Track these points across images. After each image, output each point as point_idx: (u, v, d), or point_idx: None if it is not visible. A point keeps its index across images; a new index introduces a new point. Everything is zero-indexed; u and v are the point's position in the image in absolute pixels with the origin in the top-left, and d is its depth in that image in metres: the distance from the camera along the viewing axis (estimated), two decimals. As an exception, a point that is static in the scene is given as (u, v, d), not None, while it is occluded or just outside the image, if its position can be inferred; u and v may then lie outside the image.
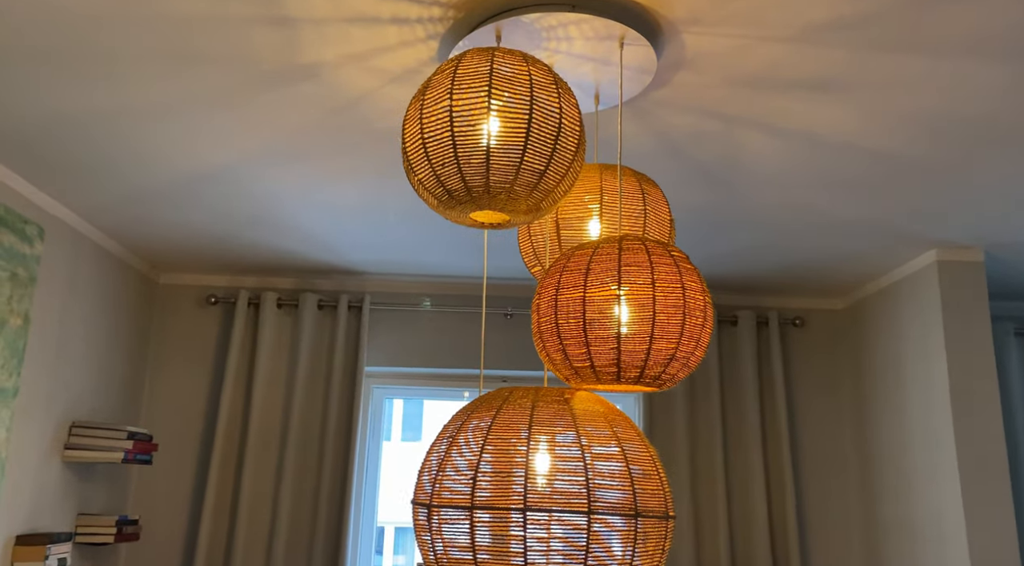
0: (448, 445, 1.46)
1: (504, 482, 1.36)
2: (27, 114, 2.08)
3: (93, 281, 3.00)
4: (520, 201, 1.48)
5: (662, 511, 1.42)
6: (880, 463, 3.30)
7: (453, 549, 1.38)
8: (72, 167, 2.41)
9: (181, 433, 3.44)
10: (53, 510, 2.76)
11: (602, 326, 1.38)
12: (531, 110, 1.44)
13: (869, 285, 3.43)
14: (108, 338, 3.12)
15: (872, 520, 3.34)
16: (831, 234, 2.86)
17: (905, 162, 2.26)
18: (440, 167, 1.46)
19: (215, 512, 3.30)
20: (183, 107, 2.04)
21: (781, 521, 3.41)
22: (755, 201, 2.58)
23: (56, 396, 2.76)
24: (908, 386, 3.11)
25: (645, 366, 1.39)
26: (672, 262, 1.43)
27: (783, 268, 3.27)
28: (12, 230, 2.42)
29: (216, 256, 3.30)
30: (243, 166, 2.39)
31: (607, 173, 1.71)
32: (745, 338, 3.56)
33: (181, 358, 3.52)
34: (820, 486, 3.52)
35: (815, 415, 3.60)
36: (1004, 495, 2.72)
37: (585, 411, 1.44)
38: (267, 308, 3.48)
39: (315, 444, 3.40)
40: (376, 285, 3.63)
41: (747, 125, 2.07)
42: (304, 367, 3.45)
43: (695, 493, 3.42)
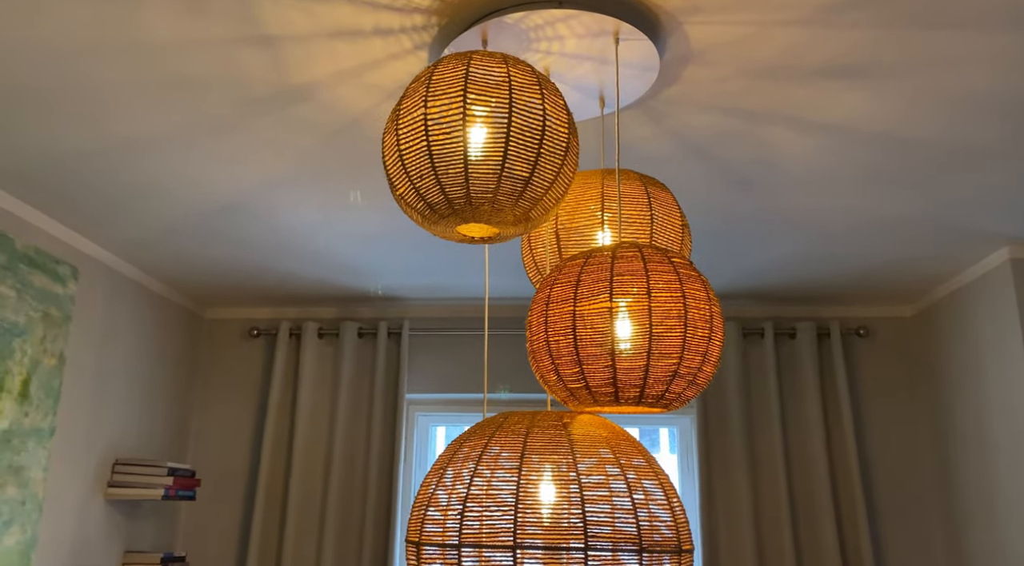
0: (438, 478, 1.35)
1: (493, 517, 1.24)
2: (47, 154, 2.11)
3: (134, 319, 3.03)
4: (506, 211, 1.38)
5: (674, 545, 1.28)
6: (963, 483, 3.01)
7: (443, 591, 1.27)
8: (98, 205, 2.44)
9: (227, 467, 3.44)
10: (98, 549, 2.77)
11: (594, 342, 1.26)
12: (510, 114, 1.34)
13: (938, 289, 3.17)
14: (151, 375, 3.15)
15: (958, 547, 3.05)
16: (886, 236, 2.64)
17: (957, 151, 2.06)
18: (419, 179, 1.37)
19: (261, 548, 3.27)
20: (186, 136, 2.03)
21: (854, 548, 3.15)
22: (796, 203, 2.40)
23: (96, 434, 2.78)
24: (988, 398, 2.83)
25: (645, 385, 1.26)
26: (671, 269, 1.29)
27: (841, 275, 3.05)
28: (44, 271, 2.46)
29: (256, 288, 3.31)
30: (260, 194, 2.37)
31: (610, 178, 1.59)
32: (805, 351, 3.34)
33: (227, 392, 3.53)
34: (896, 510, 3.24)
35: (886, 432, 3.33)
36: (1105, 516, 2.43)
37: (585, 436, 1.32)
38: (308, 338, 3.46)
39: (359, 472, 3.35)
40: (415, 311, 3.57)
41: (772, 120, 1.92)
42: (345, 395, 3.40)
43: (757, 519, 3.19)
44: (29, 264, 2.39)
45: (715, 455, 3.30)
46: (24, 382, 2.36)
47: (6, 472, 2.28)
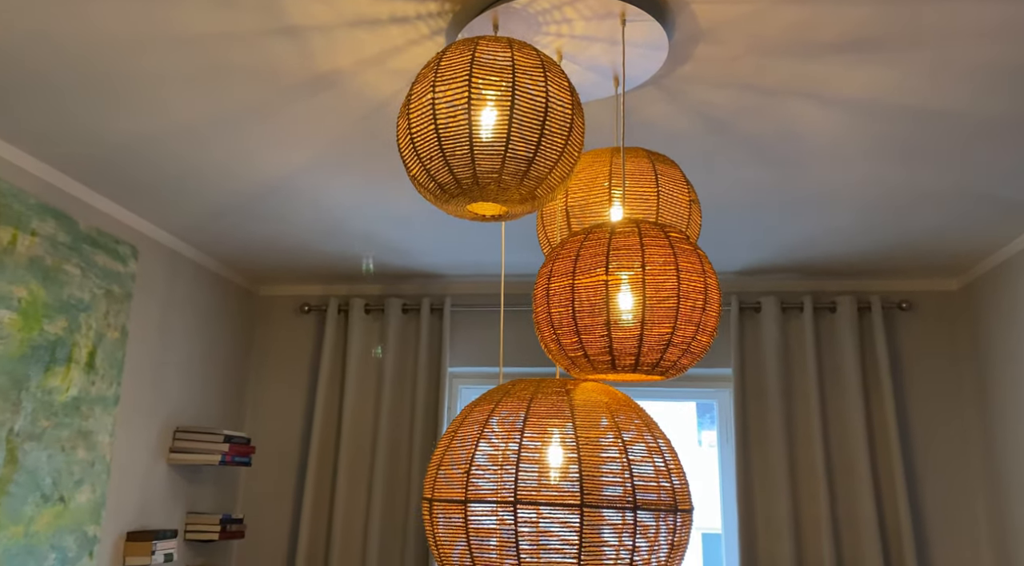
0: (450, 440, 1.45)
1: (497, 476, 1.33)
2: (107, 141, 2.27)
3: (191, 296, 3.22)
4: (511, 190, 1.45)
5: (670, 504, 1.35)
6: (1009, 459, 2.97)
7: (450, 542, 1.37)
8: (154, 188, 2.61)
9: (282, 436, 3.63)
10: (162, 509, 2.99)
11: (591, 313, 1.33)
12: (513, 96, 1.41)
13: (984, 261, 3.11)
14: (208, 348, 3.35)
15: (1003, 524, 3.02)
16: (927, 208, 2.62)
17: (989, 121, 2.03)
18: (428, 161, 1.45)
19: (314, 511, 3.45)
20: (226, 122, 2.15)
21: (894, 523, 3.15)
22: (827, 177, 2.40)
23: (158, 403, 2.98)
24: (1030, 371, 2.78)
25: (639, 353, 1.32)
26: (667, 243, 1.35)
27: (883, 248, 3.03)
28: (106, 250, 2.65)
29: (306, 266, 3.47)
30: (300, 177, 2.50)
31: (619, 156, 1.65)
32: (845, 325, 3.32)
33: (280, 365, 3.72)
34: (938, 486, 3.22)
35: (928, 407, 3.30)
36: None
37: (586, 402, 1.39)
38: (355, 314, 3.61)
39: (404, 441, 3.49)
40: (457, 287, 3.68)
41: (790, 96, 1.93)
42: (391, 368, 3.55)
43: (794, 492, 3.22)
44: (92, 244, 2.58)
45: (752, 428, 3.32)
46: (90, 354, 2.56)
47: (76, 436, 2.48)
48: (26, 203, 2.31)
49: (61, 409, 2.42)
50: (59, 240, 2.43)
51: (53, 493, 2.37)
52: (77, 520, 2.47)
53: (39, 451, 2.33)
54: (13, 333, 2.24)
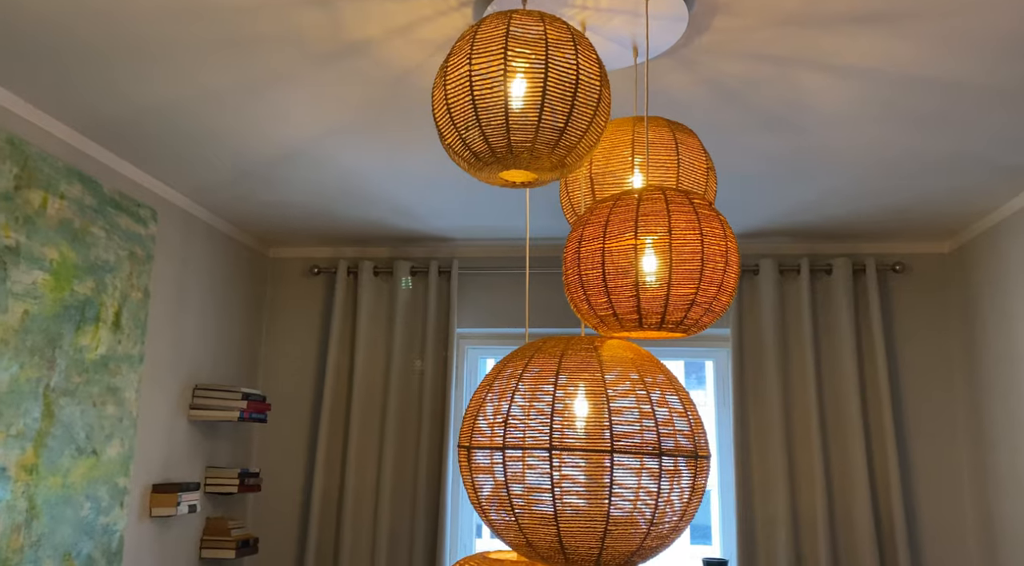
0: (485, 392, 1.55)
1: (532, 424, 1.44)
2: (130, 105, 2.32)
3: (206, 257, 3.29)
4: (543, 159, 1.54)
5: (690, 450, 1.46)
6: (992, 414, 3.12)
7: (489, 487, 1.48)
8: (175, 153, 2.66)
9: (294, 394, 3.74)
10: (184, 463, 3.10)
11: (621, 275, 1.43)
12: (547, 69, 1.48)
13: (975, 225, 3.22)
14: (225, 309, 3.43)
15: (985, 473, 3.18)
16: (922, 173, 2.72)
17: (987, 89, 2.12)
18: (464, 130, 1.53)
19: (327, 466, 3.58)
20: (252, 89, 2.21)
21: (883, 476, 3.31)
22: (830, 143, 2.49)
23: (178, 362, 3.08)
24: (1018, 331, 2.92)
25: (665, 312, 1.43)
26: (691, 209, 1.44)
27: (878, 211, 3.13)
28: (128, 213, 2.71)
29: (317, 229, 3.54)
30: (321, 142, 2.56)
31: (641, 125, 1.73)
32: (840, 287, 3.45)
33: (291, 325, 3.81)
34: (926, 441, 3.38)
35: (919, 365, 3.44)
36: (1124, 444, 2.53)
37: (612, 357, 1.50)
38: (364, 276, 3.70)
39: (414, 400, 3.61)
40: (464, 251, 3.77)
41: (802, 66, 2.01)
42: (400, 329, 3.65)
43: (790, 448, 3.37)
44: (115, 207, 2.64)
45: (749, 386, 3.46)
46: (116, 314, 2.64)
47: (106, 392, 2.58)
48: (54, 166, 2.36)
49: (91, 366, 2.51)
50: (85, 203, 2.50)
51: (87, 446, 2.48)
52: (109, 472, 2.58)
53: (73, 406, 2.42)
54: (46, 293, 2.32)
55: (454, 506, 3.62)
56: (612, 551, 1.46)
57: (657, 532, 1.46)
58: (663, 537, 1.47)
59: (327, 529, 3.54)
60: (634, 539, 1.45)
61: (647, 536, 1.45)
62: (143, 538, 2.81)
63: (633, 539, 1.45)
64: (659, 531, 1.46)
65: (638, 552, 1.48)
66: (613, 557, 1.47)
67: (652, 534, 1.45)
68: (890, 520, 3.25)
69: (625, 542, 1.45)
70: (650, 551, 1.49)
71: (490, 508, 1.51)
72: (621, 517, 1.42)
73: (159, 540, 2.91)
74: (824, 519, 3.23)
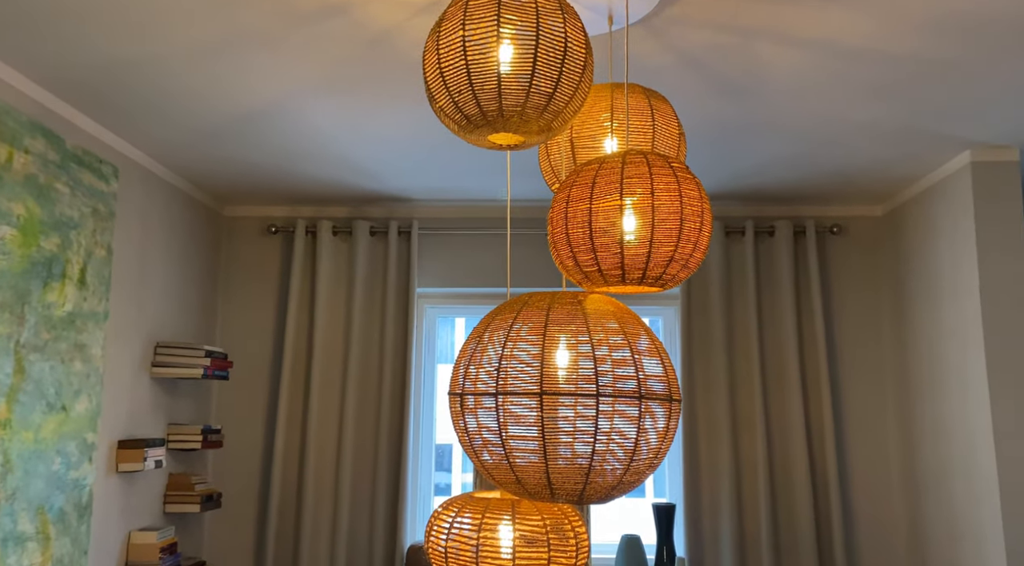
0: (477, 343, 1.65)
1: (523, 372, 1.55)
2: (92, 62, 2.29)
3: (165, 215, 3.27)
4: (532, 122, 1.62)
5: (666, 395, 1.60)
6: (916, 366, 3.39)
7: (484, 431, 1.59)
8: (137, 110, 2.63)
9: (253, 352, 3.77)
10: (147, 419, 3.11)
11: (607, 233, 1.53)
12: (537, 36, 1.56)
13: (907, 190, 3.45)
14: (182, 267, 3.42)
15: (908, 421, 3.46)
16: (863, 140, 2.90)
17: (931, 64, 2.29)
18: (457, 94, 1.60)
19: (288, 423, 3.64)
20: (226, 47, 2.21)
21: (818, 424, 3.56)
22: (782, 111, 2.64)
23: (141, 319, 3.07)
24: (942, 289, 3.17)
25: (647, 268, 1.54)
26: (671, 173, 1.56)
27: (819, 176, 3.32)
28: (90, 169, 2.68)
29: (274, 188, 3.54)
30: (290, 101, 2.57)
31: (619, 91, 1.83)
32: (782, 247, 3.65)
33: (249, 284, 3.81)
34: (857, 389, 3.64)
35: (852, 320, 3.69)
36: (1032, 390, 2.81)
37: (596, 310, 1.61)
38: (323, 236, 3.72)
39: (375, 356, 3.68)
40: (424, 211, 3.82)
41: (763, 36, 2.14)
42: (360, 289, 3.70)
43: (733, 397, 3.58)
44: (78, 163, 2.61)
45: (696, 341, 3.65)
46: (82, 270, 2.63)
47: (73, 349, 2.57)
48: (18, 121, 2.32)
49: (59, 323, 2.50)
50: (49, 158, 2.46)
51: (56, 402, 2.48)
52: (78, 428, 2.59)
53: (42, 362, 2.42)
54: (14, 249, 2.30)
55: (415, 463, 3.74)
56: (595, 486, 1.59)
57: (635, 468, 1.60)
58: (640, 473, 1.61)
59: (289, 485, 3.61)
60: (615, 475, 1.59)
61: (626, 472, 1.59)
62: (111, 492, 2.84)
63: (614, 475, 1.58)
64: (637, 467, 1.60)
65: (618, 487, 1.61)
66: (595, 491, 1.60)
67: (631, 470, 1.59)
68: (823, 464, 3.52)
69: (606, 478, 1.58)
70: (628, 486, 1.63)
71: (482, 450, 1.62)
72: (604, 456, 1.55)
73: (126, 494, 2.94)
74: (764, 465, 3.47)
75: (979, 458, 2.90)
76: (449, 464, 12.26)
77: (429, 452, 3.83)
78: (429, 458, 3.83)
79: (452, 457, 12.25)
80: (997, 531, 2.78)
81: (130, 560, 2.93)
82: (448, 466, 12.25)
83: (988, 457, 2.83)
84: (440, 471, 11.37)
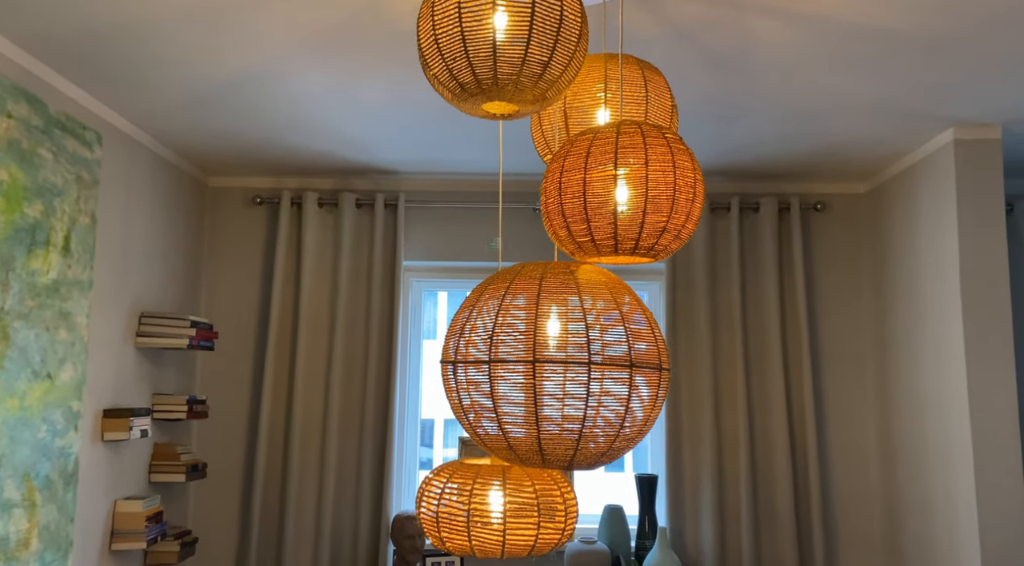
0: (470, 312, 1.66)
1: (516, 340, 1.56)
2: (75, 24, 2.25)
3: (148, 184, 3.23)
4: (526, 91, 1.62)
5: (656, 363, 1.62)
6: (895, 342, 3.45)
7: (476, 398, 1.61)
8: (120, 75, 2.59)
9: (238, 323, 3.75)
10: (132, 389, 3.10)
11: (600, 204, 1.54)
12: (533, 4, 1.55)
13: (891, 167, 3.49)
14: (166, 237, 3.39)
15: (886, 395, 3.53)
16: (850, 117, 2.92)
17: (918, 40, 2.31)
18: (452, 61, 1.60)
19: (273, 394, 3.64)
20: (212, 11, 2.18)
21: (799, 400, 3.62)
22: (771, 87, 2.65)
23: (125, 288, 3.05)
24: (923, 265, 3.22)
25: (639, 238, 1.56)
26: (665, 144, 1.57)
27: (804, 153, 3.35)
28: (74, 136, 2.64)
29: (259, 159, 3.50)
30: (277, 68, 2.55)
31: (612, 62, 1.83)
32: (766, 224, 3.68)
33: (233, 255, 3.79)
34: (837, 364, 3.70)
35: (834, 297, 3.74)
36: (1007, 370, 2.87)
37: (588, 281, 1.63)
38: (309, 208, 3.70)
39: (361, 329, 3.69)
40: (411, 184, 3.81)
41: (755, 10, 2.14)
42: (347, 262, 3.69)
43: (716, 371, 3.63)
44: (61, 129, 2.57)
45: (680, 317, 3.69)
46: (66, 238, 2.60)
47: (58, 317, 2.55)
48: (2, 84, 2.28)
49: (44, 290, 2.48)
50: (32, 123, 2.42)
51: (42, 370, 2.46)
52: (63, 396, 2.58)
53: (27, 330, 2.40)
54: (-3, 215, 2.27)
55: (400, 435, 3.76)
56: (585, 452, 1.62)
57: (624, 435, 1.62)
58: (630, 439, 1.64)
59: (275, 456, 3.62)
60: (604, 442, 1.61)
61: (616, 439, 1.62)
62: (97, 461, 2.84)
63: (603, 442, 1.61)
64: (626, 434, 1.63)
65: (607, 453, 1.64)
66: (585, 457, 1.63)
67: (620, 437, 1.62)
68: (803, 437, 3.58)
69: (597, 444, 1.61)
70: (618, 452, 1.66)
71: (472, 416, 1.64)
72: (595, 422, 1.58)
73: (111, 463, 2.94)
74: (745, 437, 3.53)
75: (955, 432, 2.97)
76: (431, 440, 12.33)
77: (415, 424, 3.85)
78: (415, 430, 3.85)
79: (434, 432, 12.31)
80: (970, 503, 2.85)
81: (116, 528, 2.94)
82: (430, 441, 12.32)
83: (963, 431, 2.90)
84: (422, 446, 11.45)
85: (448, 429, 12.49)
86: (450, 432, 12.49)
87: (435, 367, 11.32)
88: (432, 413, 11.81)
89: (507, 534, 1.75)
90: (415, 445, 3.83)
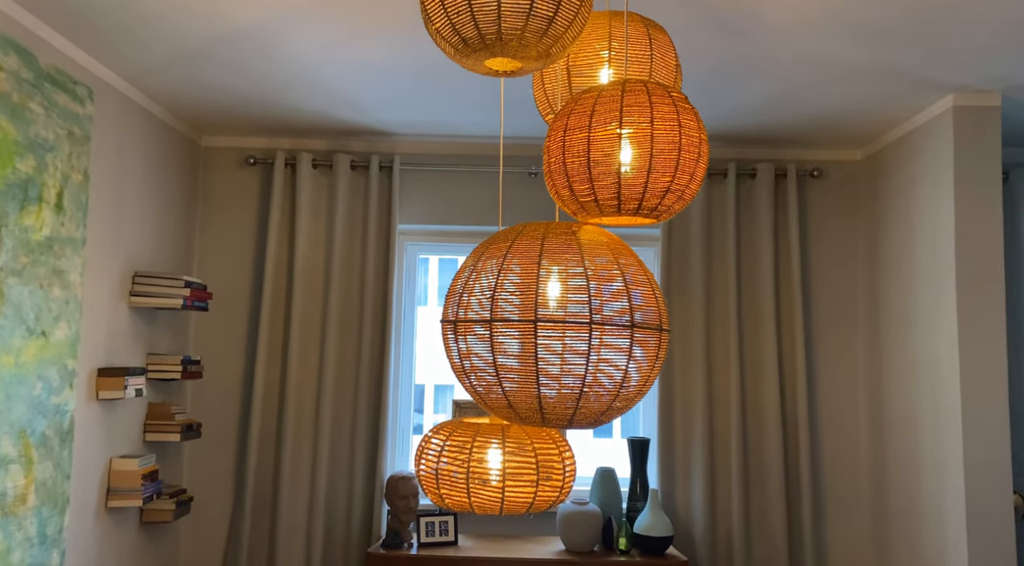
0: (470, 272, 1.66)
1: (518, 300, 1.56)
2: (69, -24, 2.20)
3: (140, 142, 3.19)
4: (531, 47, 1.60)
5: (657, 324, 1.62)
6: (888, 308, 3.48)
7: (476, 358, 1.61)
8: (111, 29, 2.54)
9: (232, 284, 3.74)
10: (126, 349, 3.09)
11: (604, 163, 1.53)
12: (539, -42, 1.52)
13: (888, 134, 3.48)
14: (159, 196, 3.35)
15: (878, 362, 3.56)
16: (850, 83, 2.90)
17: (920, 4, 2.28)
18: (455, 15, 1.57)
19: (268, 355, 3.64)
20: (214, -35, 2.13)
21: (790, 360, 3.65)
22: (772, 51, 2.63)
23: (118, 247, 3.02)
24: (918, 232, 3.23)
25: (643, 198, 1.55)
26: (671, 102, 1.55)
27: (803, 119, 3.33)
28: (65, 90, 2.59)
29: (253, 118, 3.46)
30: (271, 24, 2.50)
31: (616, 20, 1.80)
32: (763, 190, 3.67)
33: (227, 215, 3.76)
34: (829, 329, 3.73)
35: (828, 263, 3.75)
36: (998, 336, 2.89)
37: (590, 241, 1.62)
38: (303, 168, 3.66)
39: (356, 292, 3.68)
40: (406, 146, 3.77)
41: (759, -30, 2.11)
42: (341, 223, 3.66)
43: (709, 336, 3.65)
44: (52, 83, 2.52)
45: (675, 281, 3.69)
46: (58, 194, 2.57)
47: (51, 274, 2.53)
48: (-10, 35, 2.23)
49: (37, 247, 2.46)
50: (22, 77, 2.37)
51: (36, 327, 2.45)
52: (58, 354, 2.57)
53: (21, 286, 2.38)
54: (-11, 170, 2.23)
55: (395, 397, 3.77)
56: (585, 411, 1.62)
57: (624, 395, 1.63)
58: (629, 399, 1.65)
59: (269, 416, 3.63)
60: (604, 401, 1.62)
61: (616, 398, 1.62)
62: (92, 419, 2.84)
63: (603, 401, 1.62)
64: (626, 394, 1.64)
65: (607, 412, 1.65)
66: (585, 416, 1.64)
67: (620, 396, 1.63)
68: (794, 402, 3.62)
69: (596, 404, 1.62)
70: (617, 412, 1.67)
71: (473, 375, 1.64)
72: (594, 382, 1.58)
73: (107, 422, 2.94)
74: (736, 402, 3.56)
75: (944, 397, 3.00)
76: (421, 405, 12.40)
77: (409, 387, 3.87)
78: (409, 393, 3.87)
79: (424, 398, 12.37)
80: (958, 468, 2.90)
81: (112, 486, 2.95)
82: (420, 407, 12.39)
83: (953, 396, 2.93)
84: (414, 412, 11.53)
85: (438, 395, 12.56)
86: (440, 398, 12.55)
87: (427, 332, 11.35)
88: (423, 379, 11.85)
89: (506, 492, 1.77)
90: (409, 408, 3.85)
